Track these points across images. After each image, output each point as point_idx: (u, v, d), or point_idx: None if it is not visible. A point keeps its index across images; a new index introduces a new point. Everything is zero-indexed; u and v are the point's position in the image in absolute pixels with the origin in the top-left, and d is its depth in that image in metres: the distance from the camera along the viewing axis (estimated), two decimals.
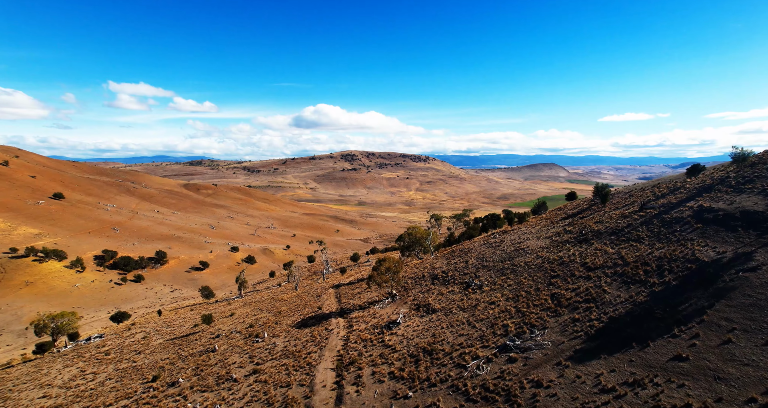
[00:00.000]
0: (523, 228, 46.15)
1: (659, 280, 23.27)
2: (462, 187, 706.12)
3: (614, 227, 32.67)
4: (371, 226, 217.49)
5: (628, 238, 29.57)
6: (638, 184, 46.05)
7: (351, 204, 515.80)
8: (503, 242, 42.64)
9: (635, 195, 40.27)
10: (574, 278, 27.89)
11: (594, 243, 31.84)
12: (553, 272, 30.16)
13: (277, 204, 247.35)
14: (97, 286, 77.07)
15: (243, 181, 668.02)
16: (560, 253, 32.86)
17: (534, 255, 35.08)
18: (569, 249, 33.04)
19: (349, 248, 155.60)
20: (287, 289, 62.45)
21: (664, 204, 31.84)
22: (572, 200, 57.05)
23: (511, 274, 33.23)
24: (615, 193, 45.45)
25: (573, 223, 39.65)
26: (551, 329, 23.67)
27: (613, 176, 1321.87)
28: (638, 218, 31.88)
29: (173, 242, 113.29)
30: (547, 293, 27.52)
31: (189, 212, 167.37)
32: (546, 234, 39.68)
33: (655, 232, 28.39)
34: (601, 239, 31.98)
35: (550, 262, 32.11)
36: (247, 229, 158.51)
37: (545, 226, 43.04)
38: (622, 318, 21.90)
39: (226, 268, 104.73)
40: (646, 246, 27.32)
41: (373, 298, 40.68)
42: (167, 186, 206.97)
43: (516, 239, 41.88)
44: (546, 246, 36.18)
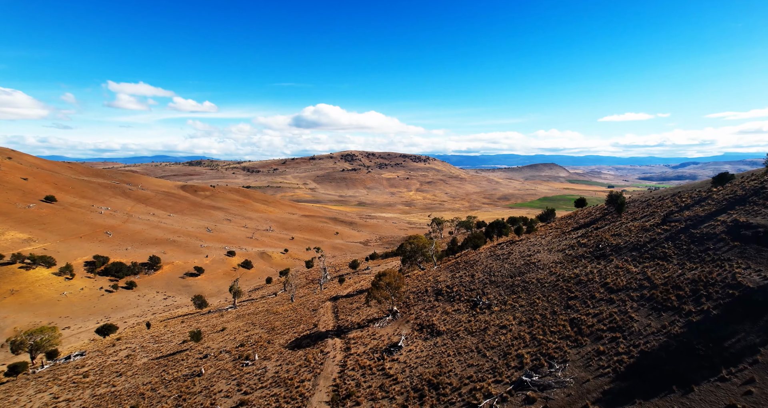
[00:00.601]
0: (532, 238, 43.43)
1: (696, 307, 20.56)
2: (462, 187, 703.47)
3: (635, 242, 29.94)
4: (371, 227, 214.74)
5: (653, 256, 26.85)
6: (656, 192, 43.31)
7: (351, 205, 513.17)
8: (512, 254, 39.92)
9: (654, 204, 37.56)
10: (594, 301, 25.18)
11: (614, 259, 29.12)
12: (570, 292, 27.44)
13: (276, 205, 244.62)
14: (86, 294, 74.33)
15: (242, 181, 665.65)
16: (576, 270, 30.13)
17: (547, 271, 32.37)
18: (586, 265, 30.31)
19: (349, 251, 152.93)
20: (283, 299, 59.74)
21: (691, 217, 29.12)
22: (582, 207, 54.40)
23: (522, 293, 30.50)
24: (630, 201, 42.73)
25: (587, 234, 36.95)
26: (573, 363, 20.96)
27: (613, 176, 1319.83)
28: (662, 232, 29.15)
29: (168, 246, 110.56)
30: (565, 318, 24.80)
31: (186, 215, 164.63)
32: (558, 246, 36.96)
33: (684, 249, 25.66)
34: (621, 255, 29.25)
35: (565, 280, 29.39)
36: (244, 231, 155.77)
37: (556, 237, 40.33)
38: (656, 353, 19.18)
39: (222, 274, 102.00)
40: (675, 266, 24.59)
41: (372, 315, 37.97)
42: (164, 187, 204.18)
43: (525, 251, 39.17)
44: (559, 261, 33.47)
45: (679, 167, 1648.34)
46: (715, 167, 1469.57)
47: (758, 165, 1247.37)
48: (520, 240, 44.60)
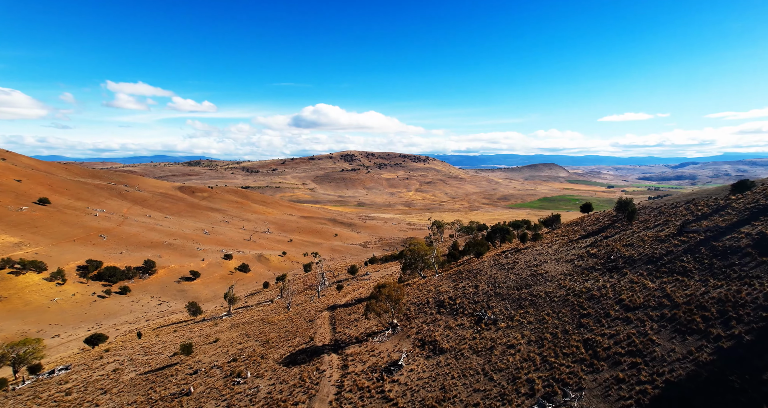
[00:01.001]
0: (537, 247, 41.65)
1: (725, 331, 18.78)
2: (462, 187, 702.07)
3: (650, 254, 28.17)
4: (370, 229, 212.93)
5: (672, 270, 25.09)
6: (667, 198, 41.51)
7: (350, 205, 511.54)
8: (517, 264, 38.15)
9: (667, 212, 35.80)
10: (609, 320, 23.41)
11: (627, 273, 27.35)
12: (581, 309, 25.66)
13: (275, 206, 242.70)
14: (78, 300, 72.45)
15: (241, 181, 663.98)
16: (587, 284, 28.37)
17: (555, 283, 30.60)
18: (597, 279, 28.55)
19: (348, 254, 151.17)
20: (279, 307, 57.93)
21: (711, 228, 27.35)
22: (588, 212, 52.65)
23: (530, 308, 28.72)
24: (641, 208, 40.95)
25: (597, 244, 35.18)
26: (590, 391, 19.19)
27: (613, 176, 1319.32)
28: (679, 244, 27.39)
29: (164, 250, 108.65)
30: (579, 338, 23.03)
31: (183, 216, 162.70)
32: (566, 256, 35.20)
33: (706, 264, 23.90)
34: (635, 268, 27.48)
35: (576, 294, 27.63)
36: (242, 234, 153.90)
37: (564, 246, 38.56)
38: (683, 383, 17.42)
39: (218, 278, 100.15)
40: (697, 282, 22.83)
41: (371, 328, 36.18)
42: (161, 189, 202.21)
43: (531, 261, 37.40)
44: (568, 272, 31.70)
45: (679, 167, 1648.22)
46: (714, 167, 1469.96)
47: (758, 165, 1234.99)
48: (525, 248, 42.81)
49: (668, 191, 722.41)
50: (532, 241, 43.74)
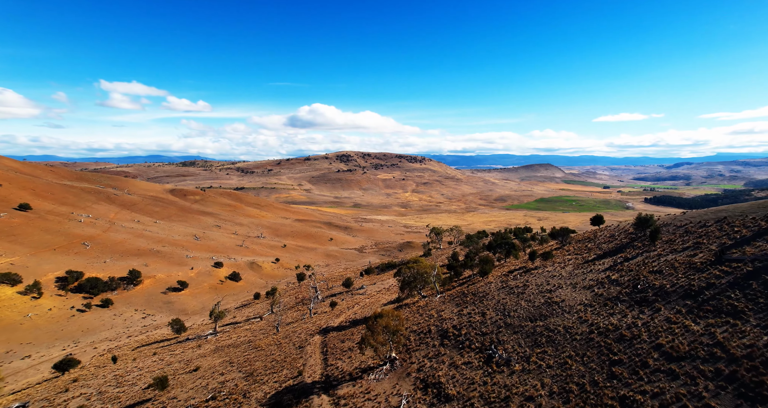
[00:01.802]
0: (549, 267, 38.02)
1: None
2: (458, 188, 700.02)
3: (686, 286, 24.58)
4: (366, 232, 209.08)
5: (718, 309, 21.49)
6: (692, 214, 38.01)
7: (346, 206, 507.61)
8: (527, 288, 34.49)
9: (694, 232, 32.29)
10: (648, 371, 19.74)
11: (661, 308, 23.75)
12: (611, 353, 22.01)
13: (269, 209, 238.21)
14: (54, 315, 68.06)
15: (236, 182, 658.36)
16: (613, 319, 24.74)
17: (575, 316, 26.95)
18: (625, 313, 24.92)
19: (343, 259, 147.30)
20: (268, 326, 53.96)
21: (759, 257, 23.80)
22: (599, 225, 49.17)
23: (548, 346, 25.04)
24: (662, 225, 37.39)
25: (617, 267, 31.59)
26: None
27: (608, 176, 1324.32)
28: (722, 276, 23.82)
29: (151, 258, 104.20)
30: (613, 394, 19.34)
31: (173, 221, 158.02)
32: (584, 281, 31.57)
33: (762, 305, 20.32)
34: (670, 303, 23.89)
35: (601, 332, 23.98)
36: (234, 239, 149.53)
37: (579, 268, 34.96)
38: None
39: (208, 288, 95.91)
40: (755, 328, 19.22)
41: (367, 361, 32.38)
42: (152, 192, 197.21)
43: (544, 285, 33.75)
44: (588, 302, 28.06)
45: (673, 167, 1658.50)
46: (708, 168, 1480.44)
47: (751, 166, 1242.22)
48: (535, 268, 39.16)
49: (664, 192, 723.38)
50: (543, 259, 40.07)
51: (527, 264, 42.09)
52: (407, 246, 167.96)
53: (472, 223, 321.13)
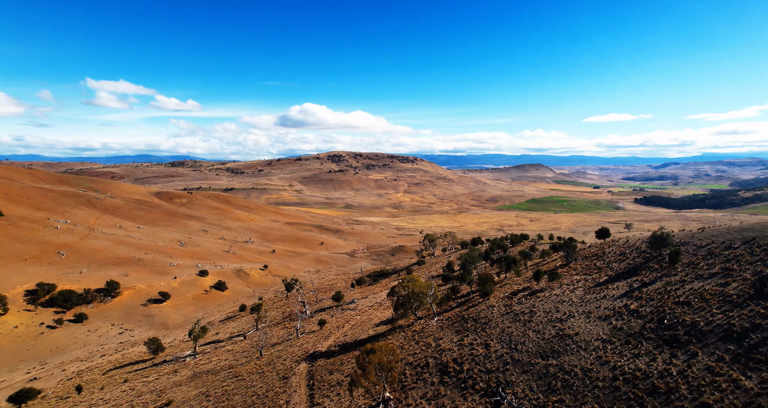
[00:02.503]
0: (556, 289, 34.81)
1: None
2: (450, 188, 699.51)
3: (725, 325, 21.41)
4: (358, 236, 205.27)
5: None
6: (713, 231, 35.03)
7: (338, 207, 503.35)
8: (534, 314, 31.21)
9: (720, 254, 29.25)
10: None
11: (698, 353, 20.54)
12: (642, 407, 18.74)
13: (258, 212, 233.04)
14: (21, 334, 63.28)
15: (226, 183, 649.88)
16: (640, 363, 21.49)
17: (593, 355, 23.69)
18: (653, 355, 21.69)
19: (334, 265, 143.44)
20: (251, 348, 50.04)
21: None
22: (605, 238, 46.21)
23: (565, 393, 21.71)
24: (679, 243, 34.35)
25: (634, 293, 28.42)
26: None
27: (598, 176, 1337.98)
28: (766, 313, 20.70)
29: (132, 267, 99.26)
30: None
31: (158, 226, 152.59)
32: (598, 309, 28.35)
33: None
34: (708, 346, 20.70)
35: (628, 379, 20.70)
36: (221, 245, 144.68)
37: (590, 291, 31.76)
38: None
39: (191, 299, 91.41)
40: None
41: (358, 401, 28.78)
42: (137, 195, 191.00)
43: (553, 311, 30.49)
44: (607, 337, 24.81)
45: (661, 167, 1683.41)
46: (695, 168, 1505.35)
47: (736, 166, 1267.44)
48: (541, 290, 35.93)
49: (653, 192, 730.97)
50: (549, 280, 36.79)
51: (531, 284, 38.82)
52: (399, 250, 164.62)
53: (464, 225, 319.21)
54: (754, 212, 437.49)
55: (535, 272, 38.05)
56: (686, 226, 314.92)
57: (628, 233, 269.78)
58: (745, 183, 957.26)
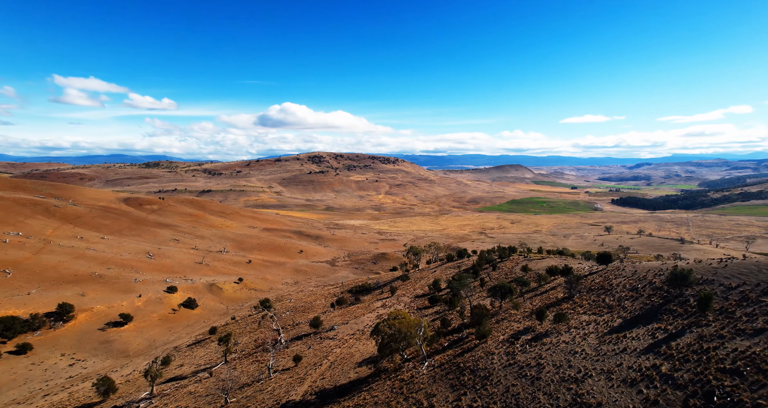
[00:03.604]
0: (563, 333, 30.40)
1: None
2: (432, 190, 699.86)
3: None
4: (339, 242, 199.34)
5: None
6: (739, 268, 31.28)
7: (318, 209, 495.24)
8: (542, 368, 26.65)
9: (757, 301, 25.32)
10: None
11: None
12: None
13: (235, 218, 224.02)
14: None
15: (203, 184, 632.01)
16: None
17: None
18: None
19: (314, 275, 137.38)
20: (217, 390, 43.98)
21: None
22: (606, 263, 42.36)
23: None
24: (702, 280, 30.45)
25: (661, 348, 24.16)
26: None
27: (575, 177, 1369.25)
28: None
29: (90, 285, 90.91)
30: None
31: (124, 236, 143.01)
32: (619, 368, 23.95)
33: None
34: None
35: None
36: (193, 255, 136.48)
37: (605, 340, 27.41)
38: None
39: (157, 320, 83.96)
40: None
41: None
42: (102, 201, 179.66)
43: (564, 365, 26.00)
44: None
45: (635, 168, 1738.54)
46: (666, 168, 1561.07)
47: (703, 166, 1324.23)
48: (546, 333, 31.48)
49: (628, 192, 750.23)
50: (554, 321, 32.37)
51: (533, 323, 34.36)
52: (382, 258, 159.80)
53: (446, 228, 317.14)
54: (723, 213, 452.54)
55: (537, 310, 33.62)
56: (662, 226, 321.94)
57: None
58: (713, 183, 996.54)
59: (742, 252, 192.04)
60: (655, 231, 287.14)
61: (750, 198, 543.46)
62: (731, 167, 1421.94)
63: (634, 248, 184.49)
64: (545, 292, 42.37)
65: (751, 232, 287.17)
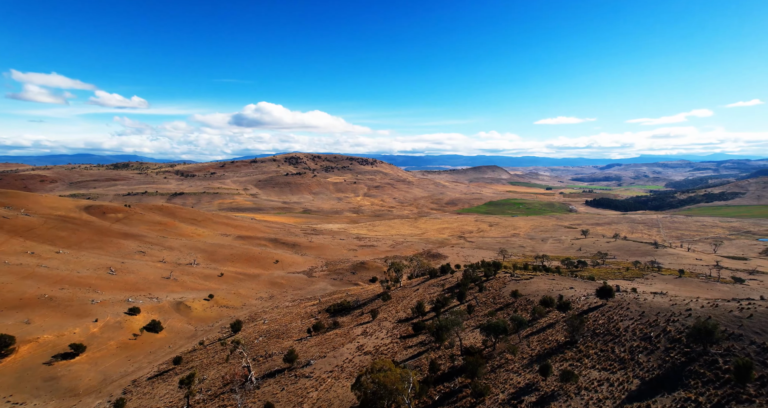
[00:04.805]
0: (572, 393, 26.56)
1: None
2: (410, 191, 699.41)
3: None
4: (316, 250, 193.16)
5: None
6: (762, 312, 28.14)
7: (295, 212, 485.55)
8: None
9: None
10: None
11: None
12: None
13: (207, 224, 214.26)
14: None
15: (175, 187, 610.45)
16: None
17: None
18: None
19: (290, 288, 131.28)
20: None
21: None
22: (607, 298, 39.14)
23: None
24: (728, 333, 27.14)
25: None
26: None
27: (549, 177, 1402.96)
28: None
29: (38, 310, 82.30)
30: None
31: (84, 249, 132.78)
32: None
33: None
34: None
35: None
36: (160, 269, 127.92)
37: None
38: None
39: (115, 348, 76.46)
40: None
41: None
42: (60, 210, 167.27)
43: None
44: None
45: (606, 168, 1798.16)
46: (635, 169, 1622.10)
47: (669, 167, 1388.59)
48: (552, 394, 27.57)
49: (601, 193, 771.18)
50: (561, 380, 28.51)
51: (536, 378, 30.49)
52: (361, 267, 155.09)
53: (426, 232, 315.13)
54: (690, 214, 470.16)
55: (541, 367, 29.70)
56: (634, 228, 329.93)
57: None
58: (678, 184, 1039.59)
59: (712, 255, 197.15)
60: (629, 233, 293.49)
61: (713, 199, 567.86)
62: (694, 168, 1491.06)
63: (611, 253, 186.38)
64: (542, 331, 38.81)
65: (716, 234, 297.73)
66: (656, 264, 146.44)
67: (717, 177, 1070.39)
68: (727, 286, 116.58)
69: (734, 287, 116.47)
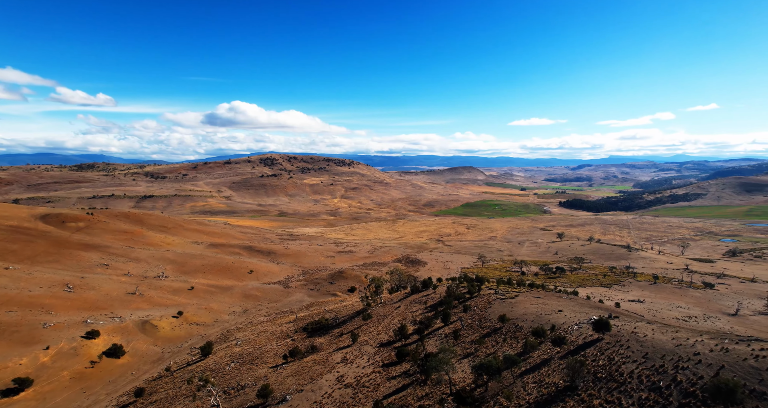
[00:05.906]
0: None
1: None
2: (388, 193, 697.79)
3: None
4: (293, 257, 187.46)
5: None
6: None
7: (271, 215, 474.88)
8: None
9: None
10: None
11: None
12: None
13: (178, 232, 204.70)
14: None
15: (144, 189, 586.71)
16: None
17: None
18: None
19: (265, 300, 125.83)
20: None
21: None
22: (604, 331, 37.09)
23: None
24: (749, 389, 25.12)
25: None
26: None
27: (523, 178, 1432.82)
28: None
29: None
30: None
31: (38, 263, 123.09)
32: None
33: None
34: None
35: None
36: (125, 284, 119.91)
37: None
38: None
39: (69, 379, 69.75)
40: None
41: None
42: (12, 219, 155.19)
43: None
44: None
45: (577, 169, 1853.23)
46: (605, 169, 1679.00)
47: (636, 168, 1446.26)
48: None
49: (573, 193, 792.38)
50: None
51: None
52: (339, 277, 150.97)
53: (404, 235, 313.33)
54: (657, 214, 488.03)
55: None
56: (606, 230, 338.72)
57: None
58: (645, 184, 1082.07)
59: (681, 258, 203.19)
60: (602, 235, 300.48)
61: (678, 200, 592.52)
62: (659, 169, 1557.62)
63: (587, 257, 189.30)
64: (537, 368, 36.40)
65: (682, 235, 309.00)
66: (631, 269, 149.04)
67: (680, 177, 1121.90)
68: (699, 292, 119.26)
69: (706, 293, 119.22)
